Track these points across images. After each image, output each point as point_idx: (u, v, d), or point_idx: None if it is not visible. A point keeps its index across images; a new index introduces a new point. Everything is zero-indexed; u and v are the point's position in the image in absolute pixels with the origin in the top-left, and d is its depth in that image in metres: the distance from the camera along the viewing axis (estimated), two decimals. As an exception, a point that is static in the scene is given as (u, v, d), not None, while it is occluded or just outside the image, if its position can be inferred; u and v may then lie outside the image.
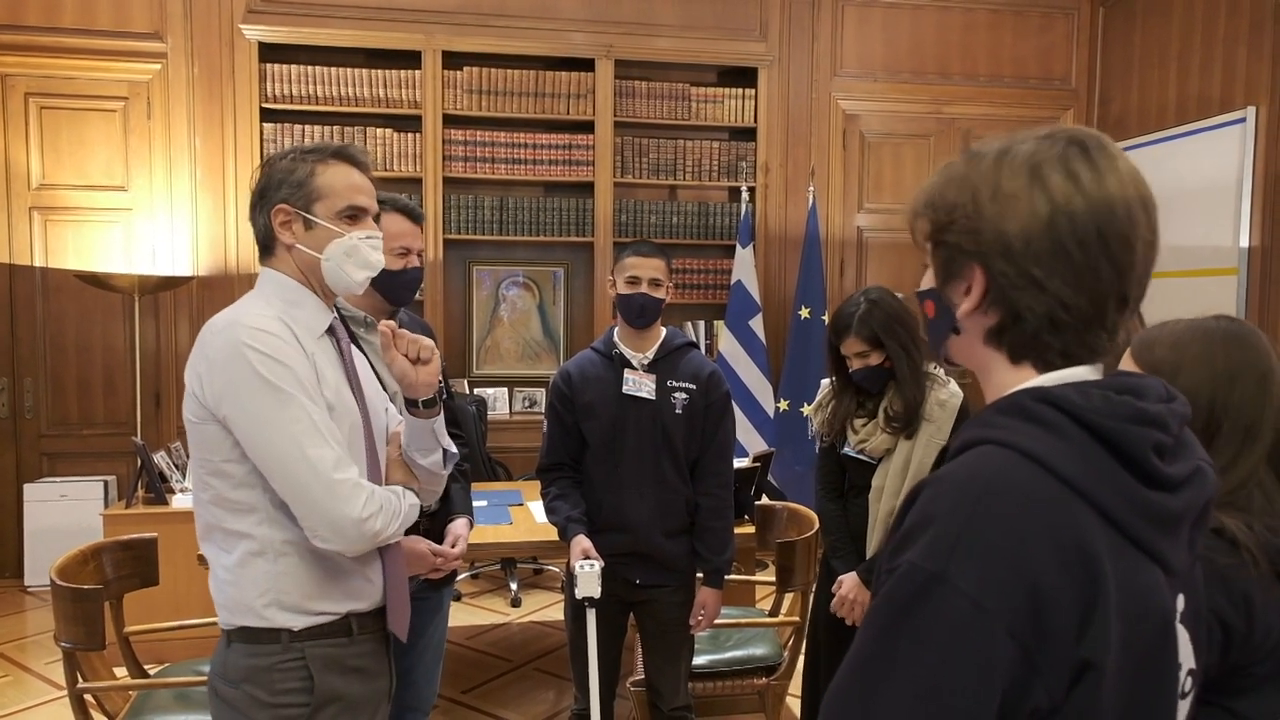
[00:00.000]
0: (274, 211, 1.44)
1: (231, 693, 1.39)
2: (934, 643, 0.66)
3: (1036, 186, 0.74)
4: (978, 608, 0.65)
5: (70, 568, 2.23)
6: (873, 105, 5.04)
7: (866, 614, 0.71)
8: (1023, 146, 0.76)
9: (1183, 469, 0.75)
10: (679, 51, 4.80)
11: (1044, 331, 0.75)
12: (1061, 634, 0.66)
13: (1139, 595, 0.71)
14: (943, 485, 0.72)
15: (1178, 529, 0.75)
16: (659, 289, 2.26)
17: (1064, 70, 5.16)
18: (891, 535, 0.74)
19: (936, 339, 0.85)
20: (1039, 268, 0.73)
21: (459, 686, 3.33)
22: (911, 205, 0.84)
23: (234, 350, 1.33)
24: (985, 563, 0.66)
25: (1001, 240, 0.74)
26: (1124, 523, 0.70)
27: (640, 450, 2.26)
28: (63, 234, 4.40)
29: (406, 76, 4.56)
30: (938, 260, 0.80)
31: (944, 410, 2.17)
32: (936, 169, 0.83)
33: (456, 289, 4.84)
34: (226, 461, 1.37)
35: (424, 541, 1.99)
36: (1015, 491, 0.69)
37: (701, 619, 2.32)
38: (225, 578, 1.40)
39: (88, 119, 4.39)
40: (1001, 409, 0.75)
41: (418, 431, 1.52)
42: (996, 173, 0.76)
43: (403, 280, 2.03)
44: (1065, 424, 0.71)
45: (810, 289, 4.66)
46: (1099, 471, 0.70)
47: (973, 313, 0.78)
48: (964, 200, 0.77)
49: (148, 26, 4.40)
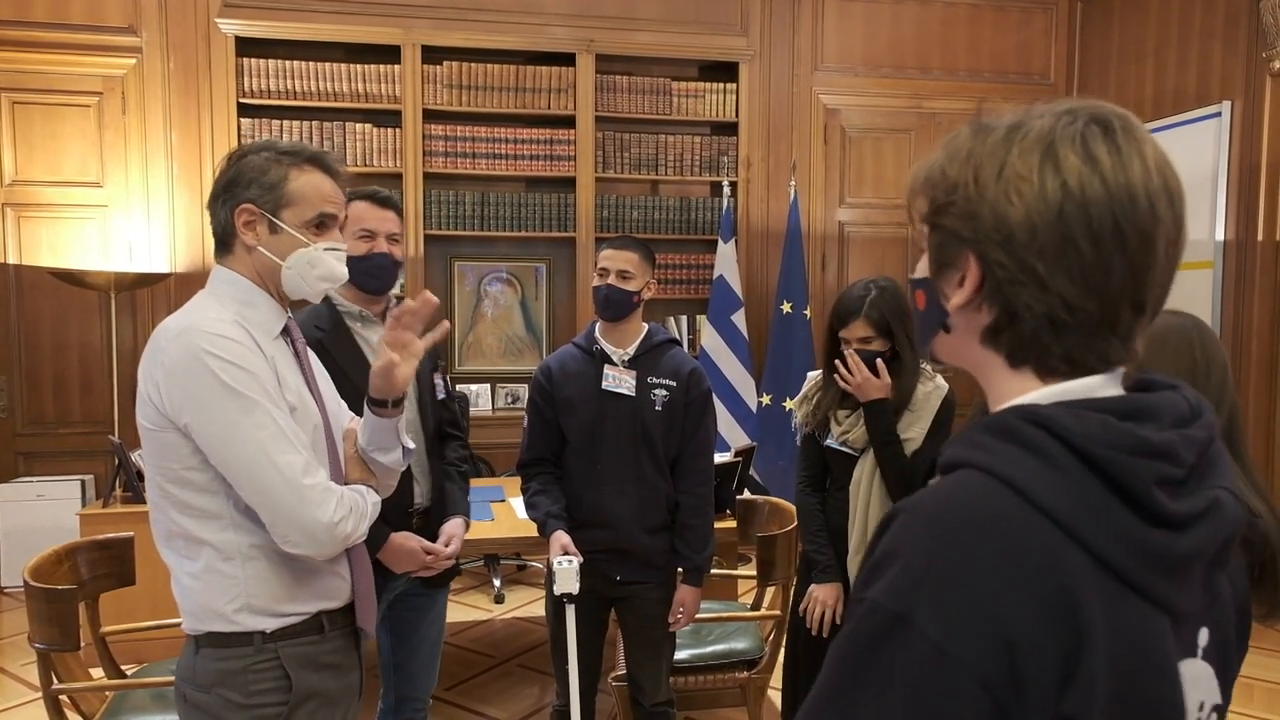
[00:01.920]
0: (239, 210, 1.40)
1: (203, 698, 1.38)
2: (897, 688, 0.60)
3: (1049, 167, 0.65)
4: (941, 653, 0.58)
5: (44, 568, 2.21)
6: (854, 100, 5.05)
7: (833, 645, 0.66)
8: (1038, 121, 0.67)
9: (1195, 504, 0.65)
10: (660, 46, 4.79)
11: (1043, 334, 0.66)
12: (1040, 688, 0.59)
13: (1135, 645, 0.62)
14: (914, 515, 0.65)
15: (1186, 571, 0.65)
16: (628, 281, 2.24)
17: (1043, 65, 5.20)
18: (864, 560, 0.68)
19: (924, 335, 0.76)
20: (1042, 262, 0.65)
21: (443, 683, 3.30)
22: (910, 181, 0.75)
23: (193, 357, 1.30)
24: (953, 606, 0.59)
25: (1002, 227, 0.65)
26: (1119, 567, 0.62)
27: (620, 447, 2.26)
28: (37, 231, 4.35)
29: (386, 71, 4.53)
30: (933, 245, 0.72)
31: (927, 402, 2.18)
32: (939, 143, 0.73)
33: (438, 285, 4.81)
34: (188, 469, 1.34)
35: (415, 539, 1.99)
36: (992, 526, 0.61)
37: (681, 616, 2.32)
38: (191, 584, 1.38)
39: (62, 114, 4.34)
40: (988, 427, 0.67)
41: (381, 430, 1.50)
42: (1005, 149, 0.67)
43: (366, 266, 1.98)
44: (1057, 452, 0.63)
45: (792, 284, 4.67)
46: (1092, 507, 0.62)
47: (964, 308, 0.69)
48: (966, 179, 0.68)
49: (122, 20, 4.34)
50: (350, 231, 1.99)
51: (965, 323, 0.71)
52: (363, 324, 2.03)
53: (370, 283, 2.01)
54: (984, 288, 0.68)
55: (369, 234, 2.00)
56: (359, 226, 1.99)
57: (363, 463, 1.52)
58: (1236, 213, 4.13)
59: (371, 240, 2.00)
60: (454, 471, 2.21)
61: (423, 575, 2.03)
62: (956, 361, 0.76)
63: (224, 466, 1.32)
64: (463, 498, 2.20)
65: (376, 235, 2.01)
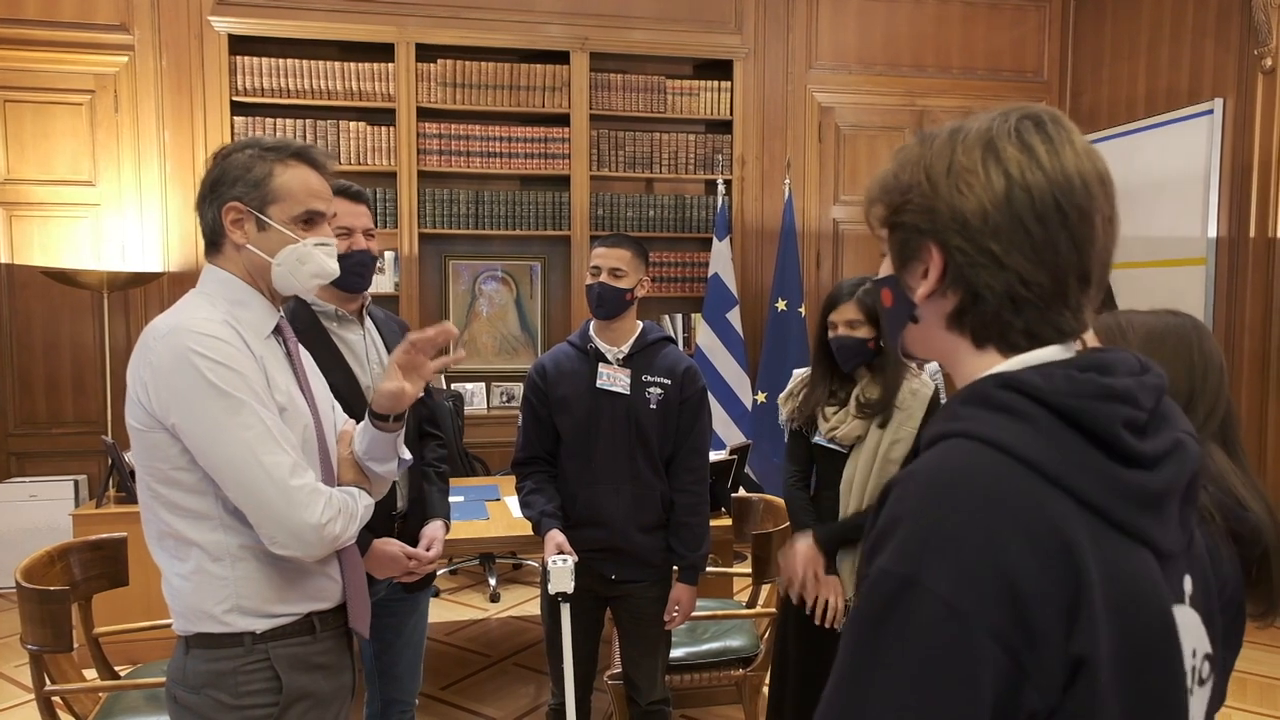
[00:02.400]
0: (226, 208, 1.39)
1: (193, 699, 1.37)
2: (913, 651, 0.62)
3: (991, 161, 0.72)
4: (953, 611, 0.61)
5: (36, 569, 2.20)
6: (848, 97, 5.05)
7: (845, 626, 0.68)
8: (975, 124, 0.74)
9: (1160, 444, 0.72)
10: (654, 44, 4.79)
11: (1005, 310, 0.72)
12: (1047, 631, 0.62)
13: (1128, 581, 0.67)
14: (909, 484, 0.69)
15: (1162, 507, 0.71)
16: (620, 279, 2.24)
17: (1036, 63, 5.20)
18: (866, 537, 0.71)
19: (894, 329, 0.82)
20: (997, 243, 0.71)
21: (438, 682, 3.32)
22: (866, 193, 0.81)
23: (180, 357, 1.29)
24: (957, 562, 0.62)
25: (958, 217, 0.72)
26: (1103, 506, 0.67)
27: (614, 445, 2.25)
28: (28, 230, 4.33)
29: (379, 69, 4.52)
30: (894, 244, 0.78)
31: (916, 399, 2.18)
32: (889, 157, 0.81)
33: (432, 283, 4.81)
34: (176, 469, 1.33)
35: (396, 544, 1.96)
36: (982, 484, 0.66)
37: (676, 614, 2.32)
38: (181, 585, 1.37)
39: (53, 112, 4.31)
40: (965, 399, 0.72)
41: (380, 442, 1.50)
42: (950, 150, 0.74)
43: (348, 264, 1.92)
44: (1030, 408, 0.68)
45: (787, 281, 4.67)
46: (1070, 455, 0.67)
47: (931, 296, 0.75)
48: (918, 180, 0.74)
49: (114, 18, 4.32)
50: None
51: (931, 311, 0.77)
52: (339, 323, 2.00)
53: (353, 281, 1.96)
54: (946, 274, 0.74)
55: (346, 231, 1.95)
56: (335, 224, 1.96)
57: (357, 465, 1.51)
58: (1228, 210, 4.14)
59: (349, 237, 1.95)
60: (432, 472, 2.17)
61: (405, 581, 2.01)
62: (925, 352, 0.81)
63: (211, 467, 1.31)
64: (442, 499, 2.17)
65: (354, 232, 1.96)
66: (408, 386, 1.48)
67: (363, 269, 1.98)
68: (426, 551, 2.01)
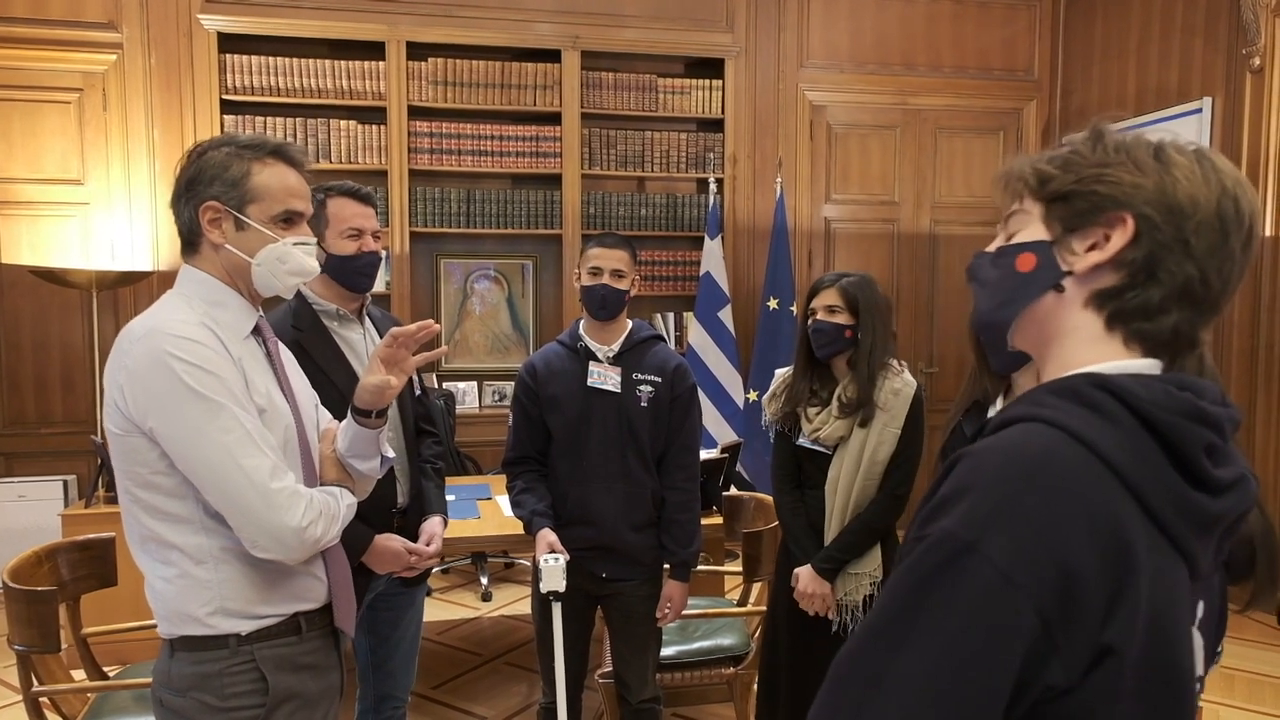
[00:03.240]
0: (203, 208, 1.38)
1: (179, 702, 1.36)
2: (957, 611, 0.65)
3: (1208, 166, 0.74)
4: (1006, 580, 0.64)
5: (24, 569, 2.18)
6: (839, 96, 5.06)
7: (890, 579, 0.70)
8: (1168, 139, 0.77)
9: (1229, 474, 0.74)
10: (646, 42, 4.79)
11: (1172, 300, 0.73)
12: (1087, 615, 0.65)
13: (1168, 593, 0.69)
14: (985, 456, 0.70)
15: (1213, 533, 0.74)
16: (621, 280, 2.24)
17: (1027, 62, 5.22)
18: (923, 505, 0.72)
19: (1018, 299, 0.79)
20: (1195, 236, 0.73)
21: (429, 682, 3.32)
22: (1022, 164, 0.80)
23: (157, 360, 1.28)
24: (1019, 536, 0.65)
25: (1166, 197, 0.73)
26: (1164, 519, 0.69)
27: (605, 444, 2.25)
28: (17, 229, 4.30)
29: (370, 68, 4.51)
30: (1062, 212, 0.77)
31: (898, 399, 2.20)
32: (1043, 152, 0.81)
33: (424, 282, 4.80)
34: (155, 474, 1.32)
35: (398, 539, 1.98)
36: (1059, 469, 0.67)
37: (668, 612, 2.32)
38: (164, 589, 1.36)
39: (41, 111, 4.29)
40: (1053, 390, 0.73)
41: (362, 439, 1.49)
42: (1153, 146, 0.75)
43: (357, 265, 1.98)
44: (1120, 412, 0.70)
45: (779, 280, 4.68)
46: (1147, 464, 0.69)
47: (1099, 268, 0.75)
48: (1119, 159, 0.75)
49: (102, 16, 4.30)
50: (337, 230, 1.97)
51: (1081, 284, 0.77)
52: (340, 323, 2.01)
53: (362, 282, 2.00)
54: (1129, 249, 0.74)
55: (357, 232, 1.97)
56: (346, 225, 1.97)
57: (339, 464, 1.51)
58: (1218, 208, 4.16)
59: (359, 239, 1.98)
60: (430, 469, 2.20)
61: (405, 575, 2.02)
62: (1031, 334, 0.80)
63: (190, 471, 1.30)
64: (440, 496, 2.19)
65: (364, 233, 1.99)
66: (392, 380, 1.48)
67: (372, 269, 2.01)
68: (426, 546, 2.02)
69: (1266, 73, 3.92)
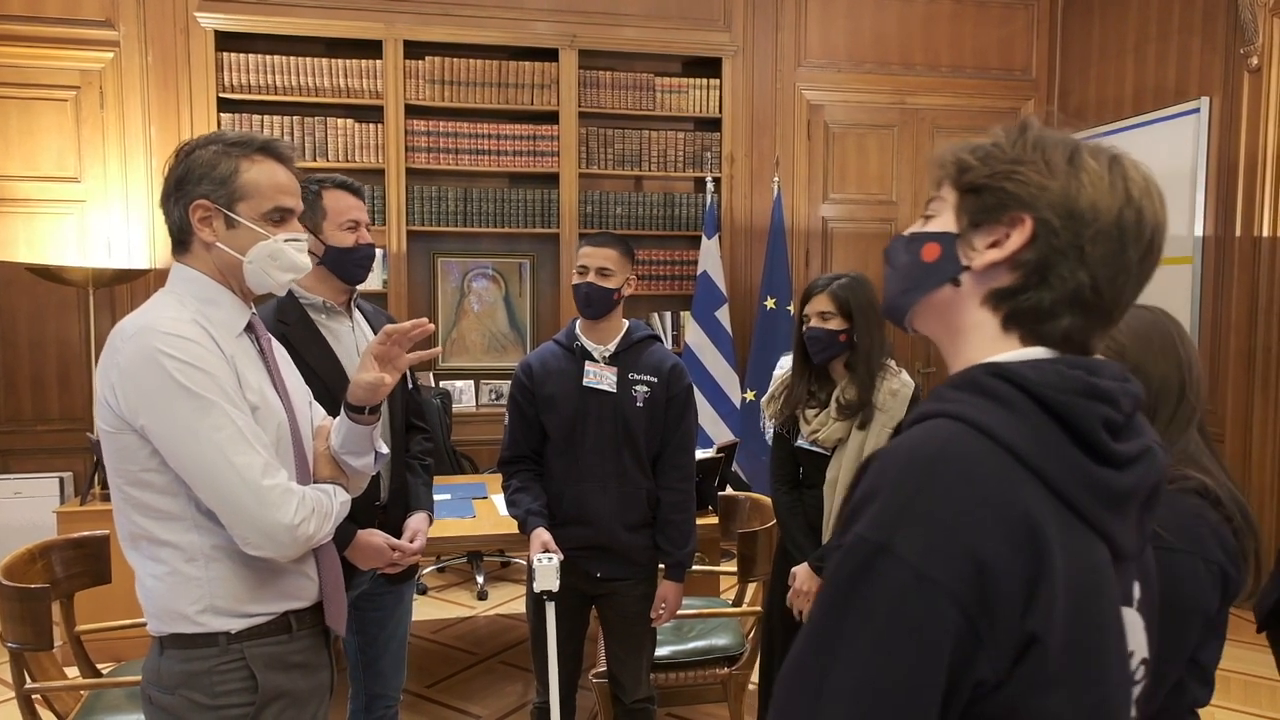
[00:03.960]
0: (192, 207, 1.37)
1: (168, 700, 1.36)
2: (879, 614, 0.65)
3: (1119, 173, 0.74)
4: (921, 578, 0.65)
5: (17, 567, 2.18)
6: (837, 95, 5.06)
7: (818, 591, 0.72)
8: (1092, 141, 0.77)
9: (1133, 447, 0.75)
10: (643, 41, 4.78)
11: (1062, 306, 0.74)
12: (1007, 604, 0.65)
13: (1087, 572, 0.70)
14: (891, 457, 0.71)
15: (1125, 507, 0.74)
16: (608, 279, 2.24)
17: (1024, 61, 5.22)
18: (842, 511, 0.74)
19: (918, 286, 0.80)
20: (1092, 243, 0.73)
21: (424, 680, 3.31)
22: (947, 150, 0.81)
23: (148, 358, 1.28)
24: (930, 533, 0.66)
25: (1068, 201, 0.73)
26: (1072, 498, 0.70)
27: (601, 443, 2.25)
28: (13, 226, 4.30)
29: (367, 66, 4.50)
30: (972, 205, 0.77)
31: (896, 400, 2.19)
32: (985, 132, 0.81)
33: (421, 281, 4.79)
34: (146, 471, 1.32)
35: (381, 535, 1.97)
36: (963, 462, 0.68)
37: (663, 612, 2.32)
38: (154, 586, 1.36)
39: (38, 108, 4.28)
40: (955, 384, 0.75)
41: (355, 436, 1.49)
42: (1072, 145, 0.75)
43: (355, 258, 1.97)
44: (1017, 398, 0.71)
45: (776, 279, 4.68)
46: (1049, 446, 0.70)
47: (995, 266, 0.75)
48: (1034, 157, 0.75)
49: (99, 14, 4.29)
50: (335, 222, 1.97)
51: (979, 281, 0.77)
52: (327, 315, 2.00)
53: (358, 274, 2.00)
54: (1027, 248, 0.74)
55: (354, 224, 1.98)
56: (345, 218, 1.97)
57: (334, 461, 1.50)
58: (1215, 208, 4.16)
59: (356, 230, 1.98)
60: (417, 465, 2.18)
61: (388, 573, 2.01)
62: (931, 322, 0.81)
63: (182, 469, 1.30)
64: (426, 492, 2.17)
65: (360, 225, 1.99)
66: (385, 377, 1.48)
67: (368, 261, 2.01)
68: (410, 543, 2.02)
69: (1264, 72, 3.92)
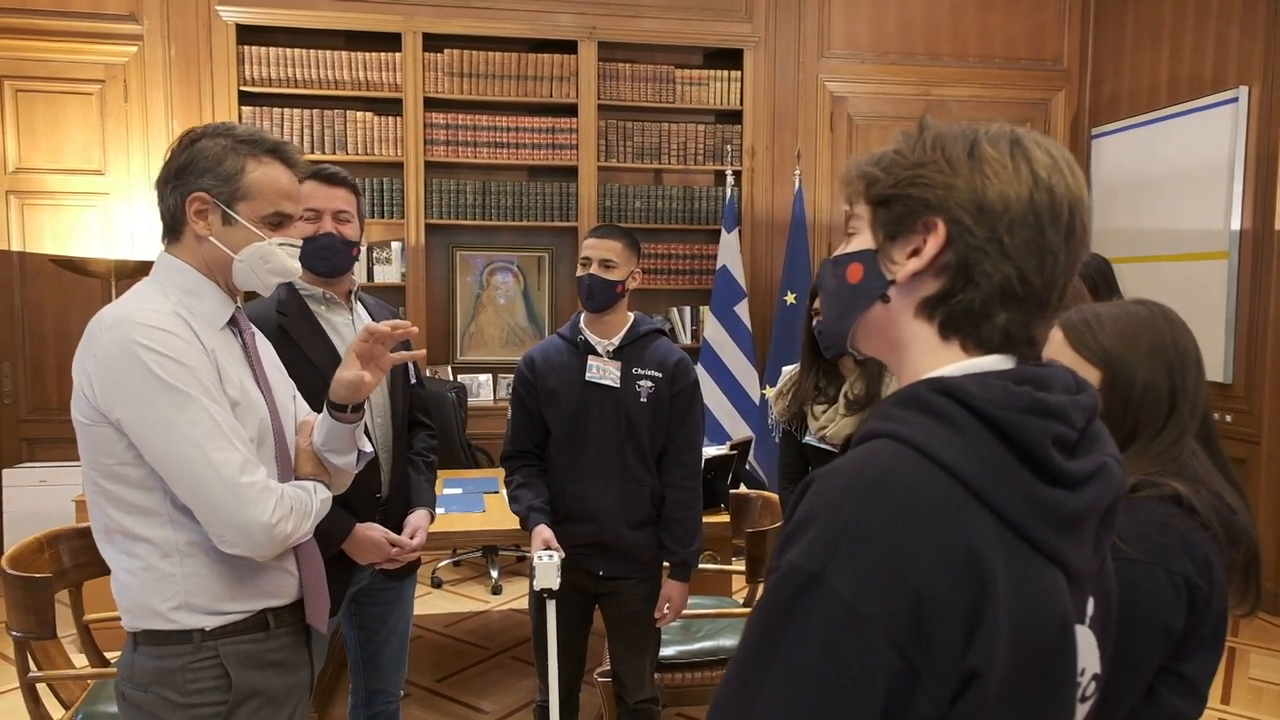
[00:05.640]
0: (190, 198, 1.35)
1: (140, 696, 1.34)
2: (810, 647, 0.62)
3: (1020, 157, 0.71)
4: (854, 612, 0.61)
5: (25, 556, 2.20)
6: (860, 87, 4.96)
7: (750, 614, 0.68)
8: (990, 124, 0.74)
9: (1086, 465, 0.70)
10: (663, 33, 4.73)
11: (993, 303, 0.71)
12: (946, 643, 0.62)
13: (1034, 600, 0.66)
14: (830, 480, 0.67)
15: (1079, 529, 0.70)
16: (611, 270, 2.19)
17: (1055, 51, 5.08)
18: (781, 529, 0.70)
19: (852, 309, 0.77)
20: (1009, 234, 0.70)
21: (434, 674, 3.31)
22: (850, 169, 0.79)
23: (125, 350, 1.25)
24: (865, 565, 0.62)
25: (975, 198, 0.70)
26: (1020, 523, 0.66)
27: (603, 439, 2.22)
28: (39, 218, 4.36)
29: (387, 59, 4.50)
30: (885, 218, 0.75)
31: None
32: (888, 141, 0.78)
33: (439, 274, 4.79)
34: (122, 465, 1.30)
35: (379, 529, 1.95)
36: (903, 489, 0.64)
37: (667, 612, 2.28)
38: (128, 581, 1.34)
39: (64, 102, 4.34)
40: (899, 401, 0.71)
41: (337, 434, 1.47)
42: (970, 139, 0.73)
43: (311, 249, 1.89)
44: (962, 417, 0.67)
45: (796, 274, 4.60)
46: (994, 468, 0.66)
47: (919, 275, 0.72)
48: (934, 158, 0.73)
49: (123, 8, 4.33)
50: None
51: (907, 293, 0.74)
52: (326, 306, 1.98)
53: (319, 265, 1.92)
54: (944, 253, 0.71)
55: (314, 213, 1.92)
56: (305, 206, 1.93)
57: (315, 457, 1.48)
58: (1253, 201, 4.01)
59: (317, 221, 1.92)
60: (420, 461, 2.16)
61: (386, 569, 1.99)
62: (876, 342, 0.78)
63: (158, 464, 1.27)
64: (428, 489, 2.15)
65: (322, 214, 1.93)
66: (367, 376, 1.45)
67: (327, 253, 1.92)
68: (410, 539, 2.00)
69: (1306, 61, 3.77)
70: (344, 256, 1.96)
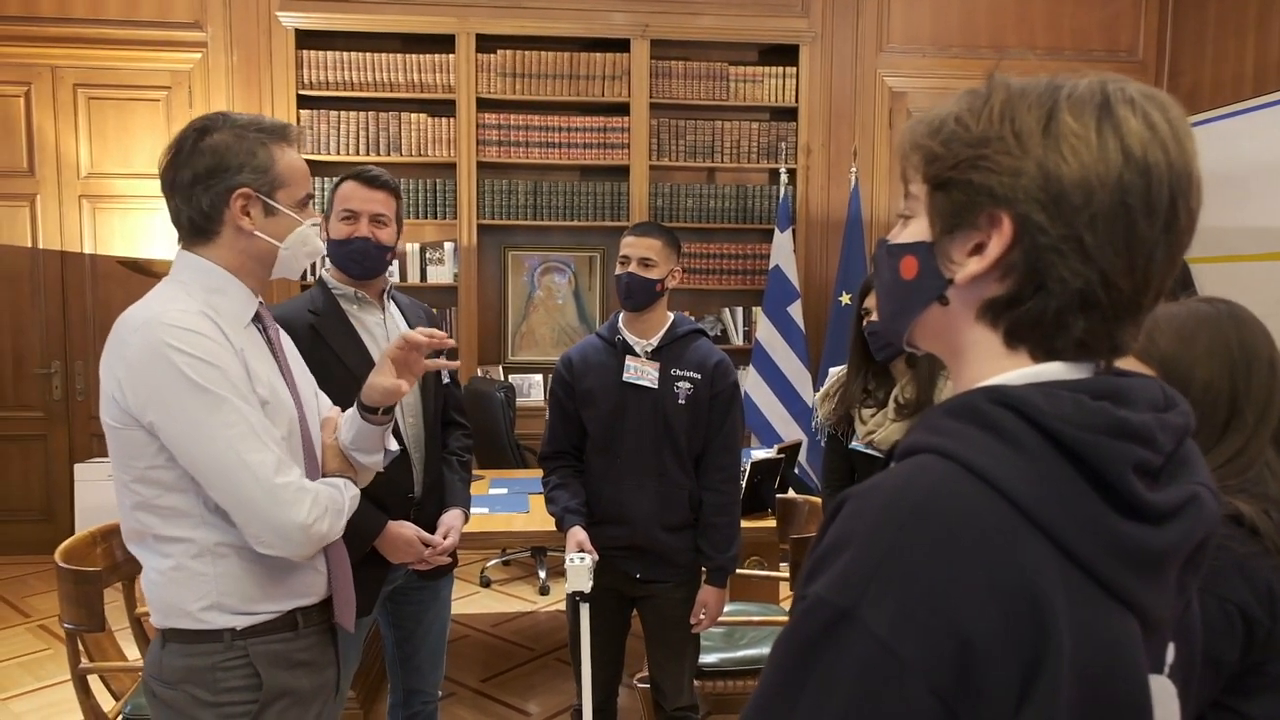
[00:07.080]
0: (234, 195, 1.35)
1: (171, 694, 1.34)
2: (840, 688, 0.54)
3: (1109, 128, 0.58)
4: (891, 655, 0.53)
5: (78, 550, 2.25)
6: (921, 82, 4.82)
7: (774, 644, 0.60)
8: (1081, 81, 0.61)
9: (1173, 496, 0.60)
10: (718, 30, 4.66)
11: (1070, 312, 0.60)
12: (997, 697, 0.53)
13: (1103, 650, 0.56)
14: (866, 501, 0.58)
15: (1161, 570, 0.60)
16: (650, 269, 2.15)
17: (1130, 41, 4.85)
18: (810, 552, 0.61)
19: (906, 309, 0.67)
20: (1091, 231, 0.58)
21: (480, 674, 3.31)
22: (908, 134, 0.67)
23: (156, 352, 1.24)
24: (905, 602, 0.54)
25: (1051, 187, 0.58)
26: (1089, 561, 0.56)
27: (640, 441, 2.17)
28: (110, 221, 4.52)
29: (440, 61, 4.54)
30: (942, 205, 0.64)
31: None
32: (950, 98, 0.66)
33: (492, 275, 4.81)
34: (153, 468, 1.28)
35: (411, 527, 1.94)
36: (952, 515, 0.55)
37: (703, 618, 2.22)
38: (158, 580, 1.33)
39: (133, 108, 4.49)
40: (950, 410, 0.61)
41: (367, 434, 1.46)
42: (1050, 104, 0.60)
43: (347, 250, 1.93)
44: (1025, 433, 0.57)
45: (851, 274, 4.49)
46: (1061, 495, 0.56)
47: (981, 276, 0.61)
48: (1000, 132, 0.60)
49: (188, 16, 4.47)
50: (336, 212, 1.97)
51: (967, 295, 0.63)
52: (358, 306, 1.99)
53: (352, 268, 1.95)
54: (1010, 254, 0.60)
55: (351, 215, 1.94)
56: (343, 207, 1.95)
57: (342, 454, 1.48)
58: (1346, 197, 3.76)
59: (354, 223, 1.94)
60: (455, 461, 2.15)
61: (420, 569, 1.98)
62: (933, 344, 0.68)
63: (192, 466, 1.27)
64: (463, 489, 2.14)
65: (359, 217, 1.94)
66: (403, 385, 1.45)
67: (361, 256, 1.95)
68: (443, 539, 1.99)
69: (1406, 45, 3.52)
70: (377, 261, 1.97)
